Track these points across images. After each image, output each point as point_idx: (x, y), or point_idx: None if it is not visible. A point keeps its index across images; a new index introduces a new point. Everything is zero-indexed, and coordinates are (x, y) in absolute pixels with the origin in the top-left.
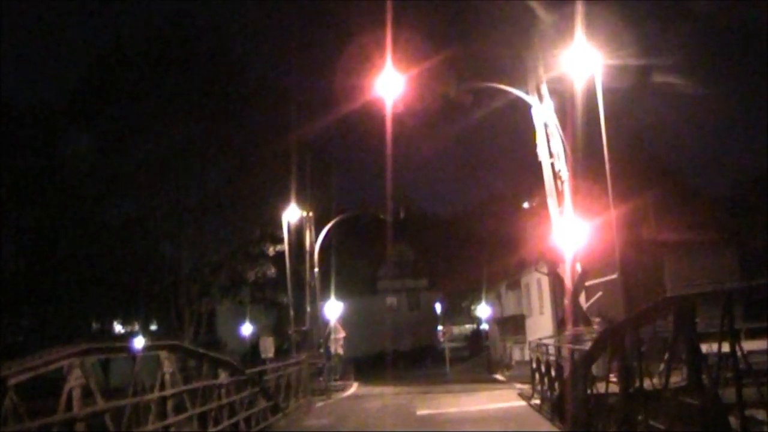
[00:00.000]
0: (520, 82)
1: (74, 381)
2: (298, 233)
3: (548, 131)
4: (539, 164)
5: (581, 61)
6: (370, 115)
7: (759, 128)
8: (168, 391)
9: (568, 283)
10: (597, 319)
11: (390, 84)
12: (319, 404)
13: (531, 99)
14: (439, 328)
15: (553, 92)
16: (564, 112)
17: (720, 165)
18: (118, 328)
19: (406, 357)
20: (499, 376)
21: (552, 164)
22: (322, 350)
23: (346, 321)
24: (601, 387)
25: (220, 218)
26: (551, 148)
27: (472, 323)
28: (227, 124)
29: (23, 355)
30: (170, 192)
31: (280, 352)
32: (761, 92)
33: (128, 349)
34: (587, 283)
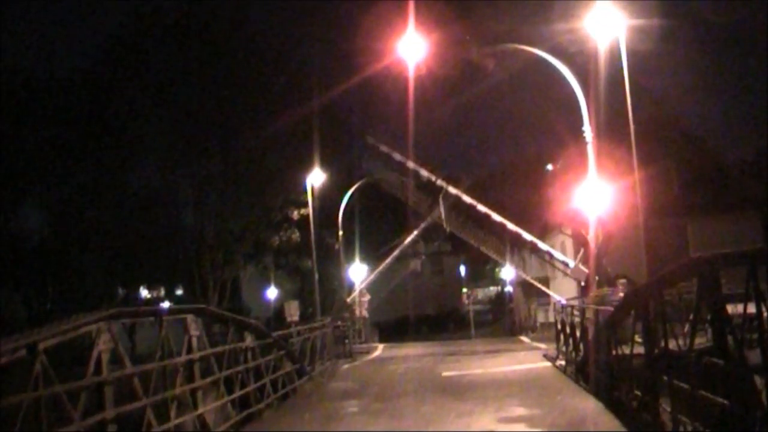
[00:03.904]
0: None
1: (102, 345)
2: (321, 198)
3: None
4: (562, 127)
5: (605, 22)
6: (393, 79)
7: None
8: (195, 355)
9: (593, 245)
10: (622, 281)
11: (412, 47)
12: (345, 367)
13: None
14: (463, 291)
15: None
16: (588, 73)
17: (743, 130)
18: (144, 293)
19: (430, 320)
20: (523, 338)
21: None
22: (347, 314)
23: (369, 285)
24: (625, 348)
25: (243, 186)
26: None
27: (496, 286)
28: (249, 91)
29: (51, 322)
30: (193, 161)
31: (305, 317)
32: None
33: (155, 313)
34: None
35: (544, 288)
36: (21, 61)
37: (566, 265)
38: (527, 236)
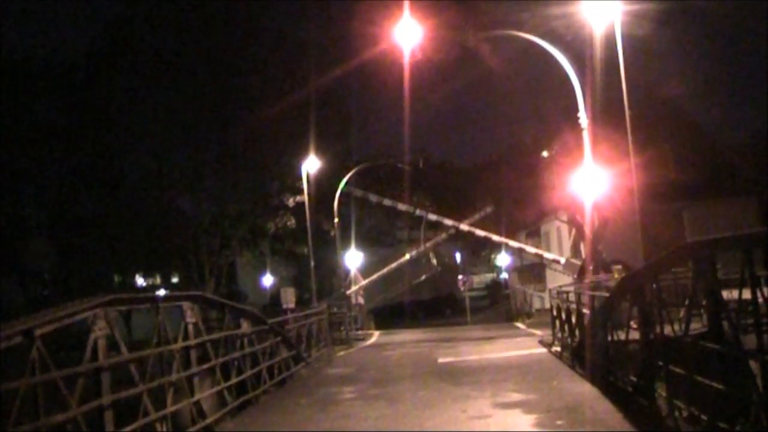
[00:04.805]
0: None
1: (99, 332)
2: (317, 184)
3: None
4: (557, 113)
5: (600, 7)
6: (388, 65)
7: None
8: (191, 341)
9: (588, 230)
10: (618, 266)
11: (408, 33)
12: (341, 353)
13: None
14: (459, 277)
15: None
16: (583, 59)
17: (739, 114)
18: (140, 281)
19: (427, 307)
20: (519, 325)
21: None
22: (344, 301)
23: (365, 271)
24: (621, 334)
25: (239, 171)
26: None
27: (492, 272)
28: (245, 75)
29: (48, 307)
30: (189, 146)
31: (302, 302)
32: None
33: (152, 300)
34: None
35: (536, 294)
36: (18, 46)
37: (558, 262)
38: (514, 243)
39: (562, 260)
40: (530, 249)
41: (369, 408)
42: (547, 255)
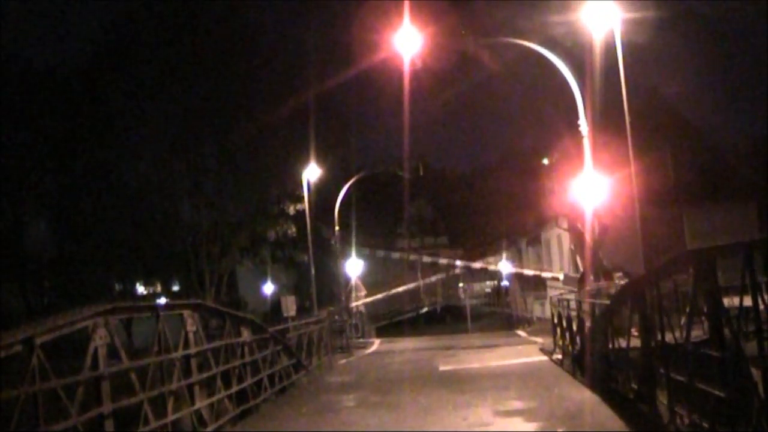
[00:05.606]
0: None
1: (99, 340)
2: (317, 192)
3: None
4: (557, 119)
5: (600, 14)
6: (388, 73)
7: None
8: (192, 350)
9: (588, 237)
10: (618, 274)
11: (408, 41)
12: (342, 361)
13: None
14: (460, 285)
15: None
16: (582, 66)
17: (739, 119)
18: (140, 289)
19: (427, 314)
20: (520, 332)
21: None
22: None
23: (366, 279)
24: (622, 341)
25: (239, 178)
26: None
27: (493, 280)
28: (245, 83)
29: (48, 315)
30: (189, 152)
31: (302, 311)
32: None
33: (153, 308)
34: None
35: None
36: (17, 53)
37: (557, 279)
38: (512, 268)
39: (561, 276)
40: (528, 272)
41: (370, 416)
42: (545, 274)
